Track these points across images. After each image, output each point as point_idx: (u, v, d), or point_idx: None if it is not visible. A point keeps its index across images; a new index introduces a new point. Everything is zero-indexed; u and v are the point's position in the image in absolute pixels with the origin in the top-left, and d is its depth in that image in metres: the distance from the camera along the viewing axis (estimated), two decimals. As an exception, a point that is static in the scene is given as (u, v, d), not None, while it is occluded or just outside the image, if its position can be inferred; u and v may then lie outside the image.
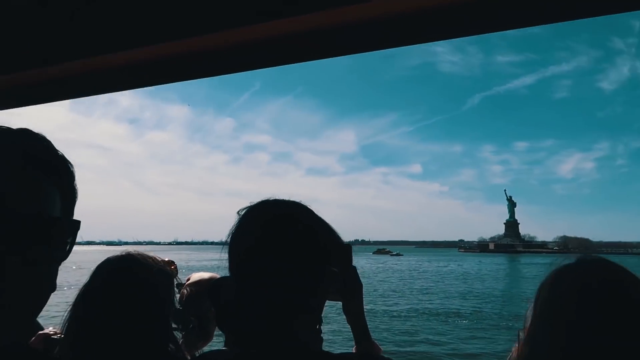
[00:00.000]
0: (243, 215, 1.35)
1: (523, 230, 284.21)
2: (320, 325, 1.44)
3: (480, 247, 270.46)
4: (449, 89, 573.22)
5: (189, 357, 1.96)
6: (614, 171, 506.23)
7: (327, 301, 1.43)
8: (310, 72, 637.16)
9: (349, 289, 1.51)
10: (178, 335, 1.94)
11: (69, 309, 1.77)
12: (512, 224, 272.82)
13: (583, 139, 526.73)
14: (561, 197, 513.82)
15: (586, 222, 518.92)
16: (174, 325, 1.85)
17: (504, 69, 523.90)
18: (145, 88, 1.73)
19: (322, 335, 1.52)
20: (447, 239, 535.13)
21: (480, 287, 62.18)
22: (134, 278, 1.69)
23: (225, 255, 1.32)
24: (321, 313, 1.40)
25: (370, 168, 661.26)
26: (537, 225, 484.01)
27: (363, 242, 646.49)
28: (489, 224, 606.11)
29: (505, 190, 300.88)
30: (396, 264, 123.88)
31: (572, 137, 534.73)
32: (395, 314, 36.39)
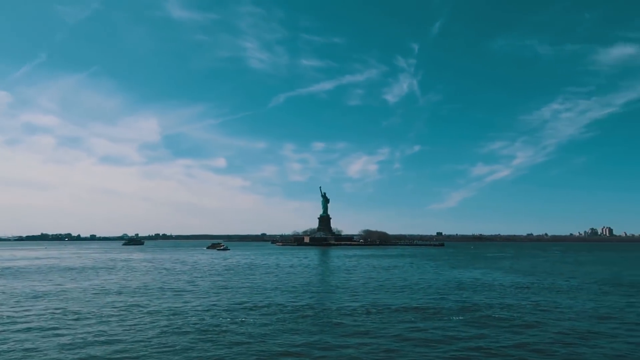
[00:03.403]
0: None
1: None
2: None
3: (297, 240, 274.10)
4: (256, 86, 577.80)
5: None
6: (391, 173, 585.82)
7: None
8: (109, 49, 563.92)
9: None
10: None
11: None
12: (325, 219, 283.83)
13: (369, 143, 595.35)
14: (350, 194, 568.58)
15: (372, 216, 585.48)
16: None
17: (308, 73, 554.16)
18: None
19: None
20: (250, 233, 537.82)
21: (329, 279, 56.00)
22: None
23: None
24: None
25: (173, 159, 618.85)
26: (338, 219, 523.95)
27: (164, 237, 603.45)
28: (288, 218, 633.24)
29: (320, 187, 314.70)
30: (247, 259, 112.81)
31: (360, 141, 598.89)
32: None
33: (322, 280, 55.80)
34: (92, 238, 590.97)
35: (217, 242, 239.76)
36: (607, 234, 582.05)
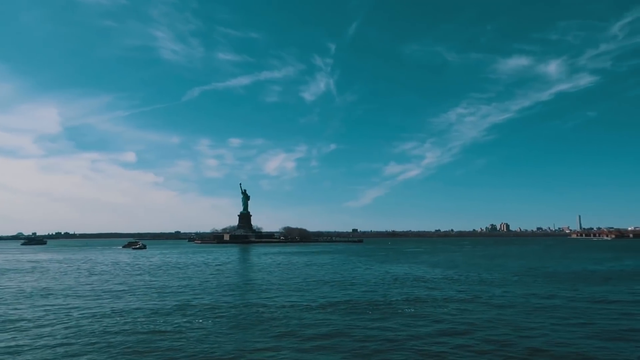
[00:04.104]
0: None
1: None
2: None
3: (217, 238, 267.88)
4: (169, 78, 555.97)
5: None
6: (309, 171, 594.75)
7: None
8: (0, 31, 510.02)
9: None
10: None
11: None
12: (245, 216, 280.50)
13: (287, 141, 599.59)
14: (268, 191, 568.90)
15: (290, 213, 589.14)
16: None
17: (224, 67, 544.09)
18: None
19: None
20: (163, 231, 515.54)
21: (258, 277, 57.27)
22: None
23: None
24: None
25: (77, 153, 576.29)
26: (256, 216, 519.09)
27: (67, 236, 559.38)
28: (204, 216, 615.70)
29: (240, 184, 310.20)
30: (171, 258, 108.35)
31: (278, 138, 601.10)
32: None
33: (261, 277, 55.32)
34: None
35: (133, 241, 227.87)
36: (505, 230, 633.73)
